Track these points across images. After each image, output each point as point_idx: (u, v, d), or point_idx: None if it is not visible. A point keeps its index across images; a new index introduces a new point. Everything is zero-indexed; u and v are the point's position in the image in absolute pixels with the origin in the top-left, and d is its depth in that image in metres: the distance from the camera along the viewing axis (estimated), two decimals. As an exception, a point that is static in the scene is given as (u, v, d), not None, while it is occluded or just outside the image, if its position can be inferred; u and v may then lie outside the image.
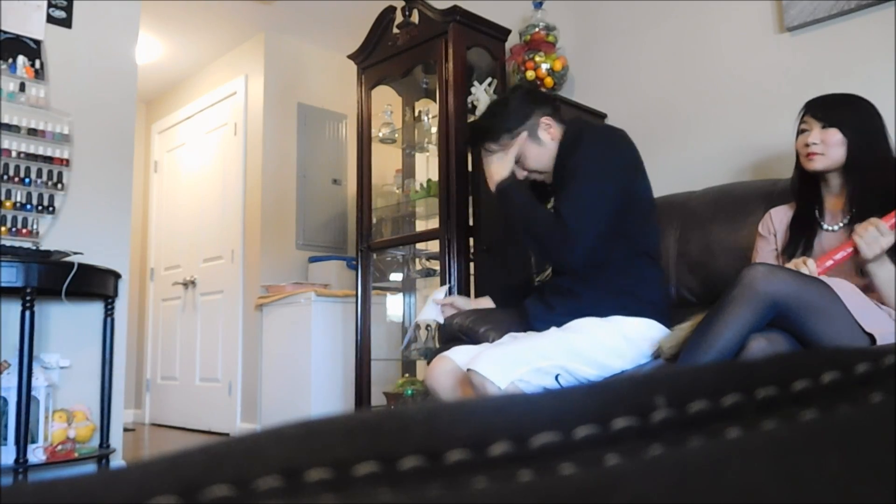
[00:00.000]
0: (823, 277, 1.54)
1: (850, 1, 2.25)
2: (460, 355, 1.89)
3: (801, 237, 1.78)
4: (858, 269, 1.61)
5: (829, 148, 1.73)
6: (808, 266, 1.58)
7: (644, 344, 1.77)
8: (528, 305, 1.97)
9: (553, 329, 1.82)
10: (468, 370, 1.68)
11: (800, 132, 1.80)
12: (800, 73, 2.38)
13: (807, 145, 1.75)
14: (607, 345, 1.74)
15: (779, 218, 1.88)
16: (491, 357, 1.66)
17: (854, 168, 1.72)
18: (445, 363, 1.88)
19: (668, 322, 1.80)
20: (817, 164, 1.75)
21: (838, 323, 1.43)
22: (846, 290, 1.50)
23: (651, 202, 1.93)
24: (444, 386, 1.86)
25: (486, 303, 2.25)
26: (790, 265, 1.61)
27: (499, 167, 1.91)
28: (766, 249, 1.87)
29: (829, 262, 1.59)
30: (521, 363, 1.66)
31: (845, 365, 0.19)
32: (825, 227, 1.78)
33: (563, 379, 1.69)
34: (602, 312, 1.79)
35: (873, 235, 1.53)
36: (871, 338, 1.45)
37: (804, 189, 1.84)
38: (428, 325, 3.47)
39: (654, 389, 0.18)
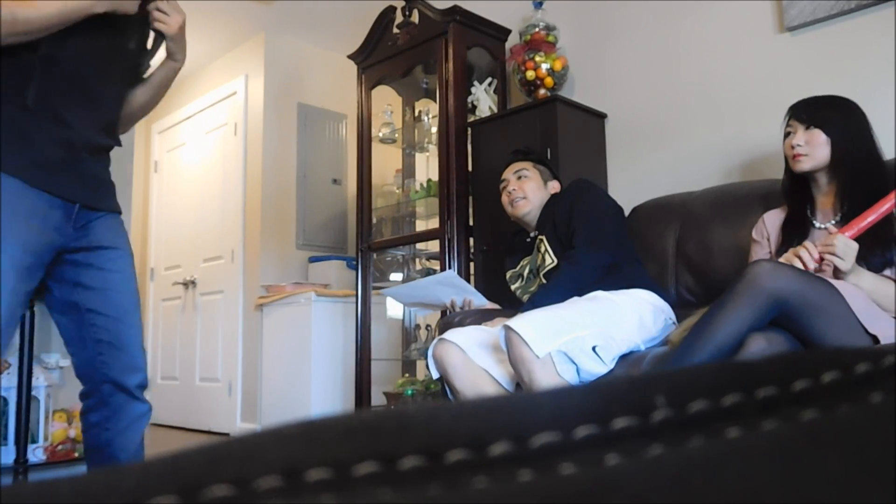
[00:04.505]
0: (827, 279, 1.54)
1: (850, 1, 2.25)
2: (460, 337, 1.93)
3: (794, 237, 1.80)
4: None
5: (814, 148, 1.77)
6: (808, 249, 1.57)
7: (656, 310, 1.93)
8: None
9: (575, 298, 1.86)
10: (506, 328, 1.67)
11: (786, 135, 1.85)
12: (800, 73, 2.38)
13: (792, 147, 1.79)
14: (631, 304, 1.87)
15: (771, 221, 1.91)
16: (532, 322, 1.67)
17: (840, 165, 1.76)
18: (451, 349, 1.90)
19: (664, 296, 2.01)
20: (804, 165, 1.79)
21: (841, 323, 1.43)
22: (850, 291, 1.50)
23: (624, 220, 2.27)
24: (453, 359, 1.89)
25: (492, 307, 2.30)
26: (790, 254, 1.61)
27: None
28: (761, 253, 1.90)
29: (864, 223, 1.58)
30: (560, 332, 1.67)
31: (845, 365, 0.19)
32: (817, 225, 1.80)
33: (601, 349, 1.72)
34: (606, 288, 1.95)
35: (843, 247, 1.54)
36: (875, 339, 1.45)
37: (795, 190, 1.87)
38: (428, 325, 3.47)
39: (654, 389, 0.18)
